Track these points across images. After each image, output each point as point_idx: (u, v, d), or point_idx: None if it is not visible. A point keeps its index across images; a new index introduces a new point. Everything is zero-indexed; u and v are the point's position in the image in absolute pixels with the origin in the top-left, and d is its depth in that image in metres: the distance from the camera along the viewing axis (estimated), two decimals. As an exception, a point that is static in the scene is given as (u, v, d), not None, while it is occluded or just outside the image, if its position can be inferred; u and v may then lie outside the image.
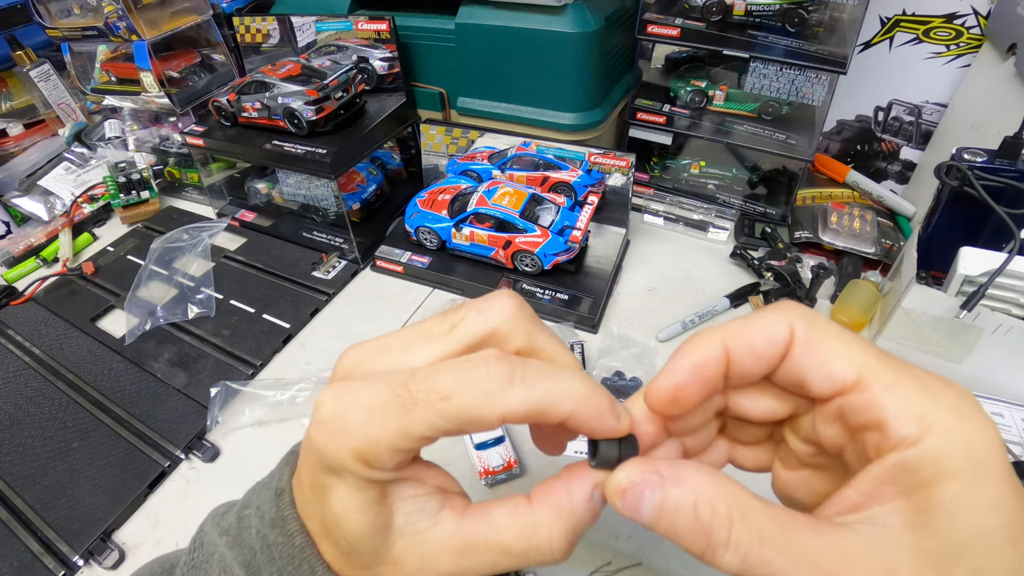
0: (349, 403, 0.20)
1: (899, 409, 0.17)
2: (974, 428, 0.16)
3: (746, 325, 0.20)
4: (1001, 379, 0.51)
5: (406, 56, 0.77)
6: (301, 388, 0.56)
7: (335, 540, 0.22)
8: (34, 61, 0.89)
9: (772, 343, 0.20)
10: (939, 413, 0.17)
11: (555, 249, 0.63)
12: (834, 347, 0.19)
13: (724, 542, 0.17)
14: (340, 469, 0.20)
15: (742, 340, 0.20)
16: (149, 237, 0.78)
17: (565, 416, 0.20)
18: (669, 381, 0.21)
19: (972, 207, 0.51)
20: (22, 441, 0.54)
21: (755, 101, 0.73)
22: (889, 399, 0.17)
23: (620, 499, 0.20)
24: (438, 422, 0.19)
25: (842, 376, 0.18)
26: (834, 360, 0.19)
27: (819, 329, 0.19)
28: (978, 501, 0.16)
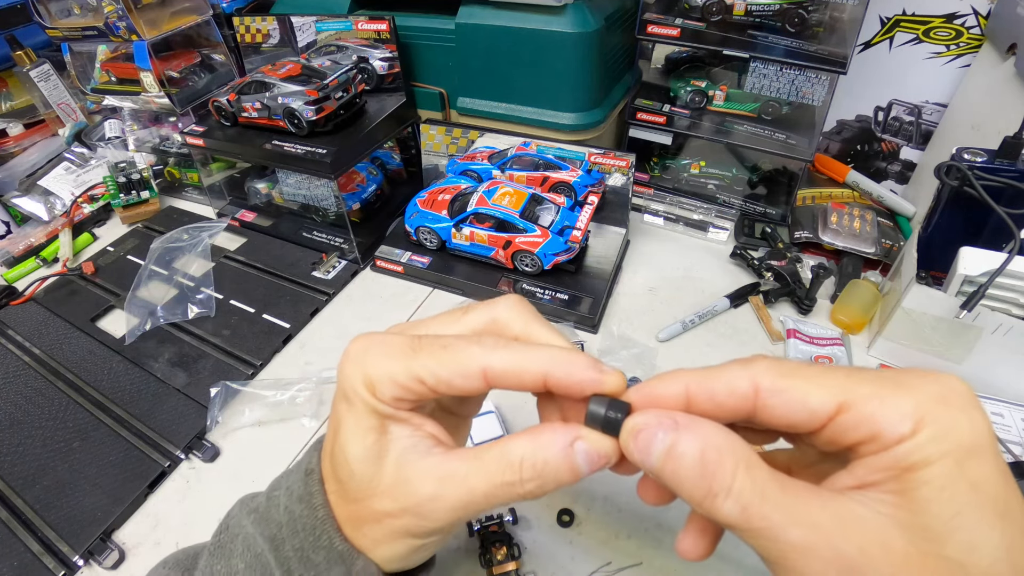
0: (371, 343, 0.25)
1: (888, 414, 0.18)
2: (960, 413, 0.17)
3: (710, 375, 0.21)
4: (1001, 379, 0.51)
5: (406, 56, 0.77)
6: (301, 388, 0.56)
7: (337, 470, 0.25)
8: (34, 61, 0.89)
9: (732, 395, 0.20)
10: (925, 406, 0.17)
11: (555, 249, 0.63)
12: (806, 388, 0.19)
13: (726, 490, 0.18)
14: (351, 394, 0.24)
15: (703, 388, 0.21)
16: (149, 237, 0.78)
17: (541, 374, 0.22)
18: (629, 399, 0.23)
19: (972, 207, 0.51)
20: (22, 441, 0.54)
21: (755, 101, 0.73)
22: (876, 408, 0.18)
23: (633, 439, 0.21)
24: (434, 366, 0.23)
25: (823, 409, 0.19)
26: (810, 398, 0.19)
27: (786, 376, 0.20)
28: (965, 479, 0.17)
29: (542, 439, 0.22)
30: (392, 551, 0.25)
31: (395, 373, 0.23)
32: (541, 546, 0.43)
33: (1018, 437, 0.47)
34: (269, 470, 0.50)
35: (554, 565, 0.42)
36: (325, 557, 0.24)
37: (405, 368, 0.23)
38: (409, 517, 0.23)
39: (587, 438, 0.22)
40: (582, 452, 0.22)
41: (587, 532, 0.44)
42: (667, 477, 0.20)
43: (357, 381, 0.24)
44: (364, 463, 0.24)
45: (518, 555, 0.42)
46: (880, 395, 0.18)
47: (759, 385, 0.20)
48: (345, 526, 0.25)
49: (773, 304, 0.63)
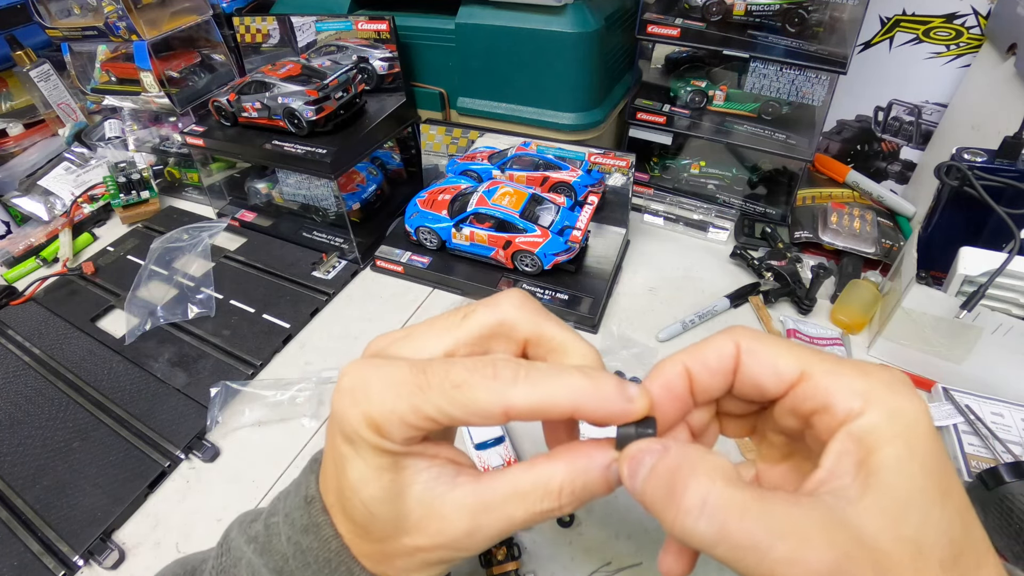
0: (370, 375, 0.22)
1: (841, 388, 0.20)
2: (905, 400, 0.19)
3: (700, 347, 0.23)
4: (1001, 379, 0.51)
5: (406, 56, 0.77)
6: (301, 388, 0.56)
7: (351, 511, 0.23)
8: (34, 61, 0.89)
9: (721, 357, 0.22)
10: (875, 389, 0.19)
11: (555, 249, 0.63)
12: (776, 351, 0.21)
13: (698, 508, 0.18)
14: (355, 436, 0.21)
15: (697, 358, 0.22)
16: (149, 237, 0.78)
17: (569, 410, 0.21)
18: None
19: (972, 207, 0.51)
20: (22, 441, 0.54)
21: (755, 101, 0.73)
22: (831, 382, 0.20)
23: (626, 466, 0.21)
24: (447, 407, 0.21)
25: (788, 373, 0.21)
26: (779, 361, 0.21)
27: (760, 340, 0.22)
28: (915, 461, 0.18)
29: (579, 464, 0.22)
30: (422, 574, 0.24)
31: (403, 413, 0.21)
32: (541, 546, 0.43)
33: (1018, 437, 0.47)
34: (269, 470, 0.51)
35: (554, 565, 0.42)
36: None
37: (413, 408, 0.21)
38: (445, 551, 0.22)
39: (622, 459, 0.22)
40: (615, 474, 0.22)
41: (587, 532, 0.44)
42: (646, 501, 0.20)
43: (359, 422, 0.21)
44: (384, 504, 0.22)
45: (518, 555, 0.42)
46: (836, 371, 0.20)
47: (740, 345, 0.22)
48: (367, 561, 0.24)
49: (773, 304, 0.63)
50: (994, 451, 0.46)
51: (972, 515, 0.19)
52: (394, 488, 0.22)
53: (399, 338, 0.24)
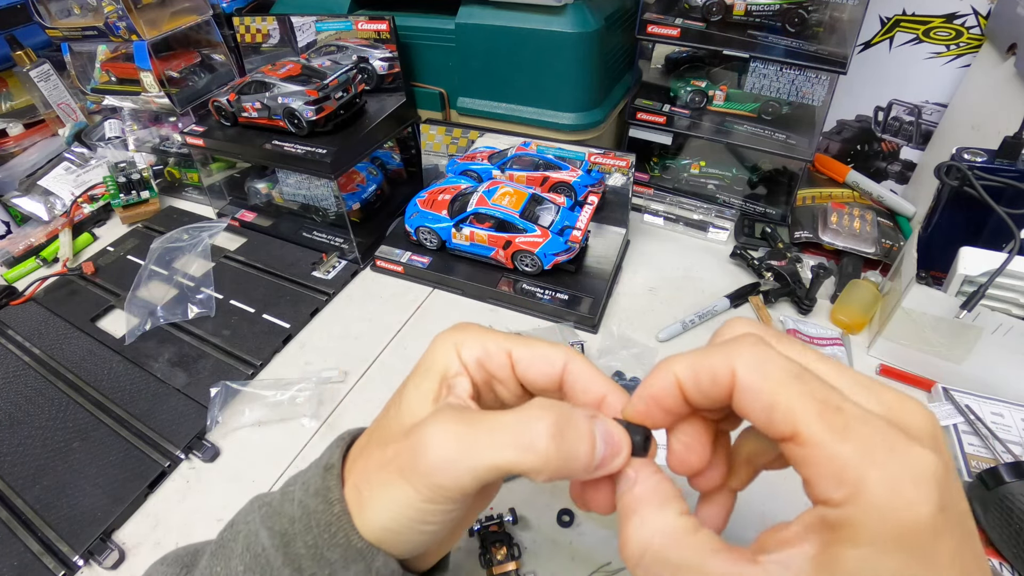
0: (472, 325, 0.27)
1: (827, 474, 0.17)
2: (905, 505, 0.16)
3: (696, 362, 0.21)
4: (1001, 379, 0.51)
5: (406, 56, 0.77)
6: (301, 388, 0.56)
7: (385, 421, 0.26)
8: (34, 61, 0.89)
9: (714, 384, 0.20)
10: (871, 484, 0.16)
11: (555, 249, 0.63)
12: (773, 400, 0.19)
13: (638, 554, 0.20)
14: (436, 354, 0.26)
15: (689, 375, 0.21)
16: (149, 237, 0.78)
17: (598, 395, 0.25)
18: (636, 409, 0.23)
19: (972, 207, 0.51)
20: (22, 441, 0.54)
21: (755, 101, 0.73)
22: (820, 460, 0.17)
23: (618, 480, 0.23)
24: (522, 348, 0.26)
25: (779, 429, 0.19)
26: (774, 412, 0.19)
27: (761, 373, 0.19)
28: (882, 570, 0.16)
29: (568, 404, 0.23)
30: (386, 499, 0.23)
31: (487, 340, 0.26)
32: (541, 546, 0.44)
33: (1018, 437, 0.47)
34: (269, 470, 0.51)
35: (554, 565, 0.42)
36: (342, 555, 0.23)
37: (496, 340, 0.26)
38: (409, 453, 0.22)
39: (603, 419, 0.23)
40: (601, 428, 0.22)
41: (587, 532, 0.44)
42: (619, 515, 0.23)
43: (448, 343, 0.26)
44: (412, 405, 0.25)
45: (518, 555, 0.42)
46: (828, 449, 0.17)
47: (736, 374, 0.20)
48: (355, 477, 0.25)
49: (773, 304, 0.63)
50: (994, 451, 0.46)
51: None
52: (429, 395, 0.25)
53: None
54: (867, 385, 0.20)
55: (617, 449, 0.22)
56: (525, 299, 0.64)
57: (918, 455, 0.17)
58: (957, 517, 0.17)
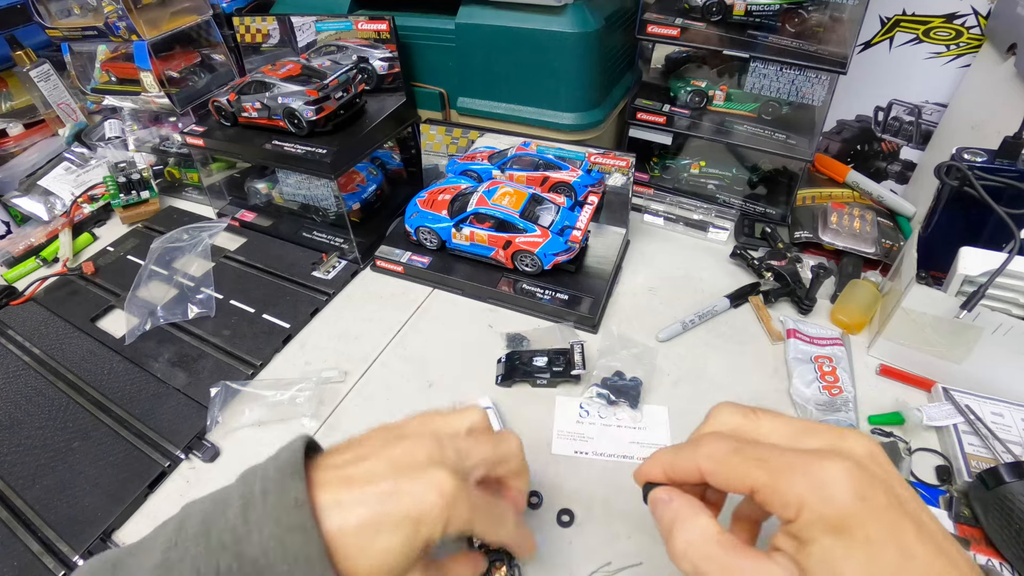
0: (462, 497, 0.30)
1: (778, 503, 0.25)
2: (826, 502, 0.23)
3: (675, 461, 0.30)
4: (1001, 379, 0.51)
5: (406, 56, 0.77)
6: (301, 388, 0.56)
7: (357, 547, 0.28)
8: (34, 61, 0.88)
9: (689, 474, 0.29)
10: (806, 495, 0.24)
11: (555, 249, 0.63)
12: (728, 477, 0.27)
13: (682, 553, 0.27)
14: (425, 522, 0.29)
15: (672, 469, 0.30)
16: (149, 237, 0.78)
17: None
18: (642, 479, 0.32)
19: (972, 207, 0.51)
20: (22, 441, 0.54)
21: (755, 101, 0.73)
22: (770, 497, 0.25)
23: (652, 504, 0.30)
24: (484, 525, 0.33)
25: (741, 490, 0.27)
26: (731, 484, 0.27)
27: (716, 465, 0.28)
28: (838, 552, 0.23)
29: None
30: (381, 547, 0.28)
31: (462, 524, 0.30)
32: (541, 546, 0.43)
33: (1018, 437, 0.47)
34: (269, 470, 0.50)
35: (554, 565, 0.42)
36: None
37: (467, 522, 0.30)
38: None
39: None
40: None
41: (587, 532, 0.44)
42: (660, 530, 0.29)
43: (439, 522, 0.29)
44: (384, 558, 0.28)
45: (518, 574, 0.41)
46: (774, 486, 0.25)
47: (701, 470, 0.28)
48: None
49: (773, 304, 0.63)
50: (994, 451, 0.46)
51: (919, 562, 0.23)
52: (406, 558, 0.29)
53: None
54: (810, 430, 0.28)
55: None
56: (525, 299, 0.64)
57: (828, 466, 0.24)
58: (884, 503, 0.23)
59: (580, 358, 0.56)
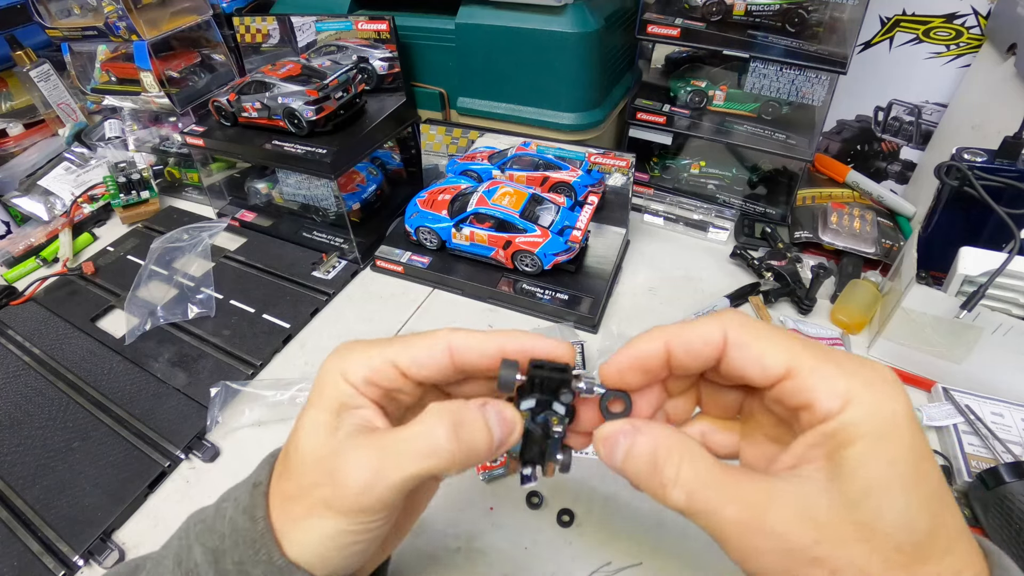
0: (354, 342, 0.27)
1: (823, 389, 0.21)
2: (884, 399, 0.20)
3: (686, 327, 0.24)
4: (1001, 379, 0.51)
5: (406, 56, 0.77)
6: (301, 388, 0.56)
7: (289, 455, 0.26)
8: (34, 61, 0.88)
9: (706, 344, 0.23)
10: (856, 389, 0.20)
11: (555, 249, 0.63)
12: (765, 346, 0.22)
13: (673, 481, 0.22)
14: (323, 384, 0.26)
15: (681, 340, 0.24)
16: (149, 237, 0.78)
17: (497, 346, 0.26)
18: (613, 367, 0.25)
19: (972, 207, 0.51)
20: (22, 441, 0.54)
21: (755, 101, 0.73)
22: (815, 382, 0.21)
23: (602, 445, 0.24)
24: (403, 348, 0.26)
25: (774, 370, 0.22)
26: (766, 356, 0.22)
27: (749, 331, 0.23)
28: (881, 456, 0.20)
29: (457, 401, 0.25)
30: (314, 530, 0.24)
31: (370, 358, 0.26)
32: (541, 546, 0.43)
33: (1018, 437, 0.47)
34: (269, 470, 0.51)
35: (554, 565, 0.42)
36: (264, 572, 0.24)
37: (379, 354, 0.26)
38: (328, 485, 0.24)
39: (493, 403, 0.25)
40: (492, 412, 0.25)
41: (587, 532, 0.44)
42: (628, 475, 0.24)
43: (334, 369, 0.26)
44: (311, 439, 0.25)
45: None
46: (820, 371, 0.21)
47: (727, 336, 0.23)
48: (275, 508, 0.25)
49: (773, 304, 0.63)
50: (994, 451, 0.46)
51: (944, 504, 0.20)
52: (326, 427, 0.25)
53: None
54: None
55: (511, 427, 0.25)
56: (525, 299, 0.64)
57: (883, 368, 0.21)
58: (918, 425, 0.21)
59: (580, 358, 0.56)
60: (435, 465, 0.24)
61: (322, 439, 0.25)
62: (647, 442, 0.23)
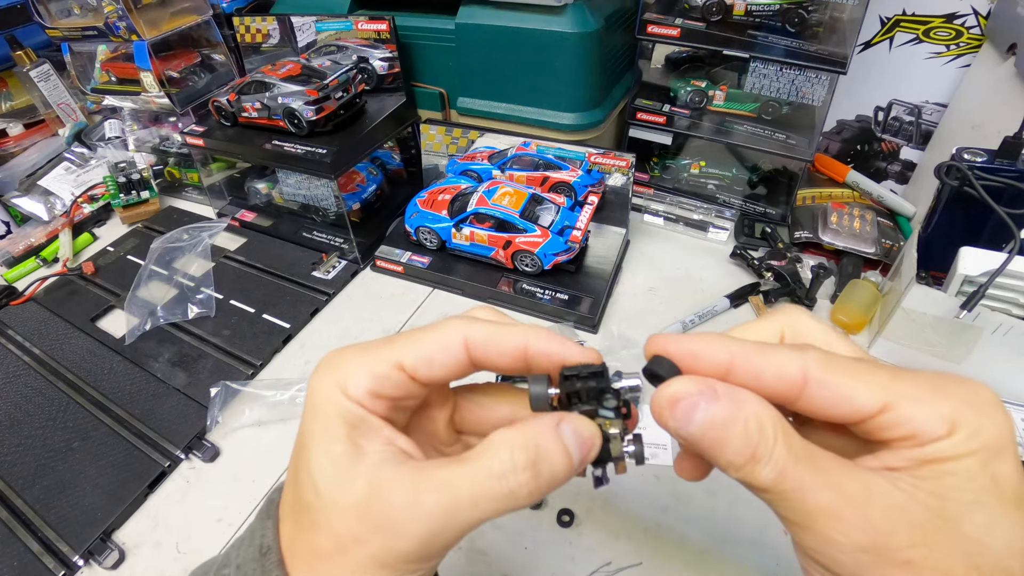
0: (344, 348, 0.23)
1: (926, 417, 0.19)
2: (988, 418, 0.19)
3: (760, 352, 0.21)
4: (1001, 379, 0.51)
5: (406, 56, 0.77)
6: (301, 388, 0.56)
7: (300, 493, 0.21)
8: (34, 61, 0.88)
9: (780, 379, 0.20)
10: (961, 411, 0.19)
11: (555, 249, 0.63)
12: (853, 384, 0.20)
13: (766, 456, 0.19)
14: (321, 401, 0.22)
15: (751, 364, 0.21)
16: (149, 237, 0.78)
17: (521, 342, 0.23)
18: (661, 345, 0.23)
19: (972, 207, 0.51)
20: (22, 441, 0.54)
21: (755, 101, 0.73)
22: (914, 411, 0.19)
23: (671, 407, 0.21)
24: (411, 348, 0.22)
25: (867, 408, 0.19)
26: (857, 396, 0.20)
27: (834, 368, 0.20)
28: (987, 473, 0.18)
29: (529, 426, 0.21)
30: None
31: (371, 365, 0.22)
32: (541, 546, 0.43)
33: (1019, 437, 0.47)
34: (269, 470, 0.51)
35: (554, 565, 0.42)
36: None
37: (380, 358, 0.22)
38: (380, 538, 0.20)
39: (569, 419, 0.21)
40: (569, 432, 0.21)
41: (587, 532, 0.44)
42: (706, 444, 0.20)
43: (329, 385, 0.22)
44: (330, 478, 0.21)
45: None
46: (920, 398, 0.19)
47: (809, 375, 0.20)
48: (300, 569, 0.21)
49: (773, 304, 0.63)
50: (994, 451, 0.46)
51: None
52: (344, 459, 0.21)
53: None
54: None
55: (590, 443, 0.22)
56: (525, 299, 0.64)
57: (983, 387, 0.19)
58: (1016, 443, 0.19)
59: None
60: (513, 506, 0.20)
61: (347, 478, 0.21)
62: (738, 410, 0.20)
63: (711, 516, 0.45)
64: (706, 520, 0.44)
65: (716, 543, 0.43)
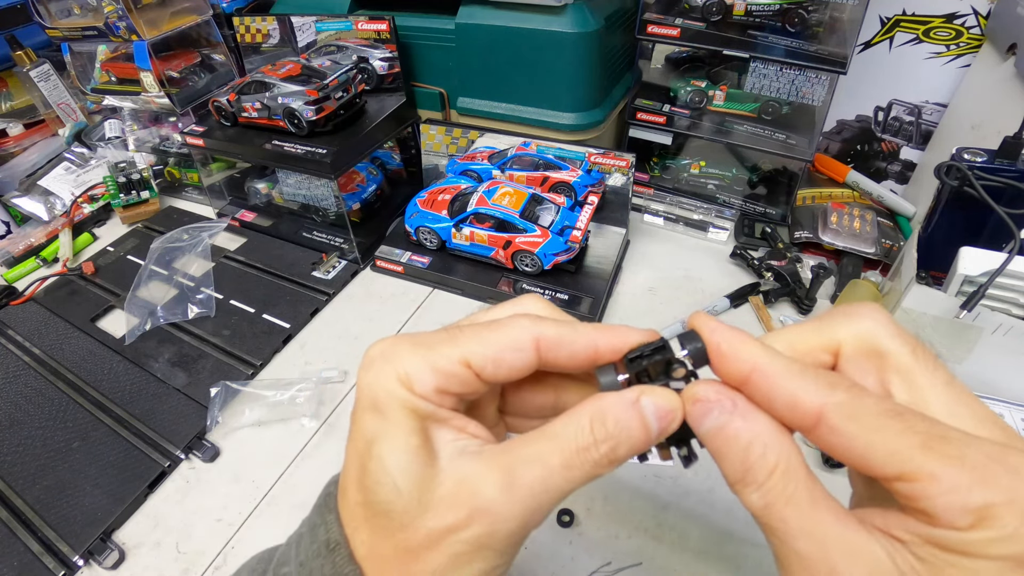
0: (398, 340, 0.22)
1: (949, 504, 0.16)
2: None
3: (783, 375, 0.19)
4: (1001, 379, 0.51)
5: (406, 56, 0.77)
6: (301, 388, 0.56)
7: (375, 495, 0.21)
8: (34, 61, 0.89)
9: (792, 411, 0.19)
10: (995, 505, 0.16)
11: (555, 249, 0.63)
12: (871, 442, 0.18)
13: (757, 483, 0.19)
14: (384, 398, 0.21)
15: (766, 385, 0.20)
16: (149, 237, 0.78)
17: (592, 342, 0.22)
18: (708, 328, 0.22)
19: (972, 207, 0.51)
20: (22, 441, 0.54)
21: (755, 101, 0.73)
22: (939, 494, 0.16)
23: (691, 403, 0.21)
24: (479, 346, 0.21)
25: (882, 472, 0.17)
26: (871, 457, 0.18)
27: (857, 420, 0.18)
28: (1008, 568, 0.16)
29: (606, 400, 0.21)
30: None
31: (435, 361, 0.21)
32: (541, 546, 0.43)
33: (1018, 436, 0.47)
34: (269, 470, 0.51)
35: (554, 565, 0.42)
36: None
37: (445, 355, 0.21)
38: (478, 523, 0.20)
39: (650, 393, 0.21)
40: (650, 406, 0.21)
41: (587, 532, 0.44)
42: (712, 449, 0.20)
43: (390, 380, 0.21)
44: (411, 474, 0.20)
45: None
46: (948, 480, 0.16)
47: (825, 419, 0.18)
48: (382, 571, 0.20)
49: (773, 304, 0.63)
50: (994, 451, 0.46)
51: None
52: (423, 454, 0.20)
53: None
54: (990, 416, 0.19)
55: (671, 415, 0.21)
56: (525, 299, 0.64)
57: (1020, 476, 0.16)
58: None
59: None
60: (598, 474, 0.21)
61: (431, 470, 0.20)
62: (745, 430, 0.19)
63: (711, 516, 0.45)
64: (706, 520, 0.44)
65: (716, 543, 0.43)
